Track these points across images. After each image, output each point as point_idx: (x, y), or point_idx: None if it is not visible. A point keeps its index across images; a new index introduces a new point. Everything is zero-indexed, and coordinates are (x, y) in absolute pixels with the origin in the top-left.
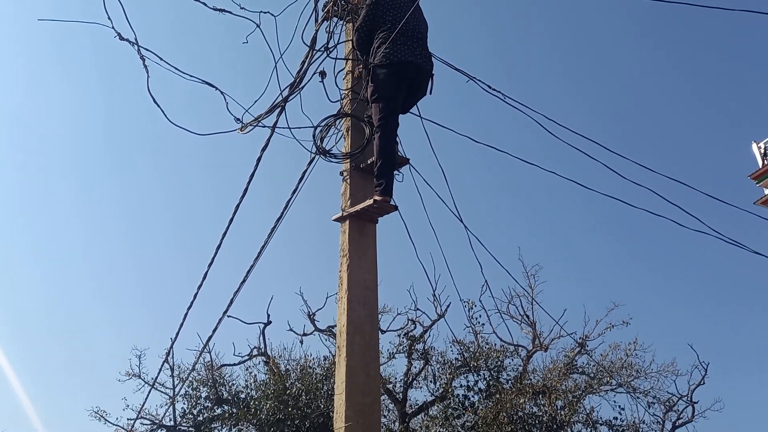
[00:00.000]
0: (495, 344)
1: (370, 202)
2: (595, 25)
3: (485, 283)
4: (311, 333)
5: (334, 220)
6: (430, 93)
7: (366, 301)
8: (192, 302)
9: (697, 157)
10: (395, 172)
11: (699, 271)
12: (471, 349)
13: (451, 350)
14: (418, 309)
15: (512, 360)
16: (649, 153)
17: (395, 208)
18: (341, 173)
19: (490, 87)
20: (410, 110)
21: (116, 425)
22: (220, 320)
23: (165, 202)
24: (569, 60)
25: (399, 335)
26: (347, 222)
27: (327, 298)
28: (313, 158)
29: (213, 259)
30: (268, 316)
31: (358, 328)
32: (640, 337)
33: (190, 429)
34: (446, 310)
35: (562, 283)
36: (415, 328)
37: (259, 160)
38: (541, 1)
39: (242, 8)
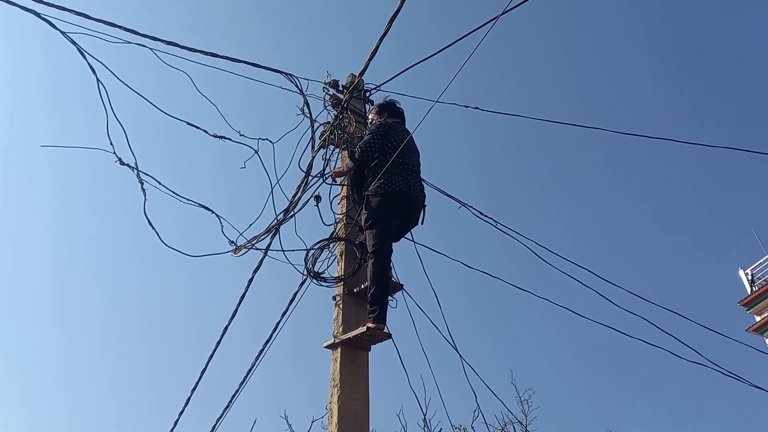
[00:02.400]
0: None
1: (363, 329)
2: (575, 157)
3: (477, 408)
4: None
5: (326, 347)
6: (422, 223)
7: None
8: (173, 429)
9: (686, 286)
10: (389, 298)
11: (695, 404)
12: None
13: None
14: None
15: None
16: (640, 282)
17: (389, 336)
18: (334, 298)
19: (482, 213)
20: (402, 238)
21: None
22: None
23: (150, 322)
24: (561, 189)
25: None
26: (339, 349)
27: (312, 422)
28: (305, 281)
29: (197, 383)
30: None
31: None
32: None
33: None
34: None
35: (556, 409)
36: None
37: (250, 281)
38: (522, 133)
39: (241, 135)
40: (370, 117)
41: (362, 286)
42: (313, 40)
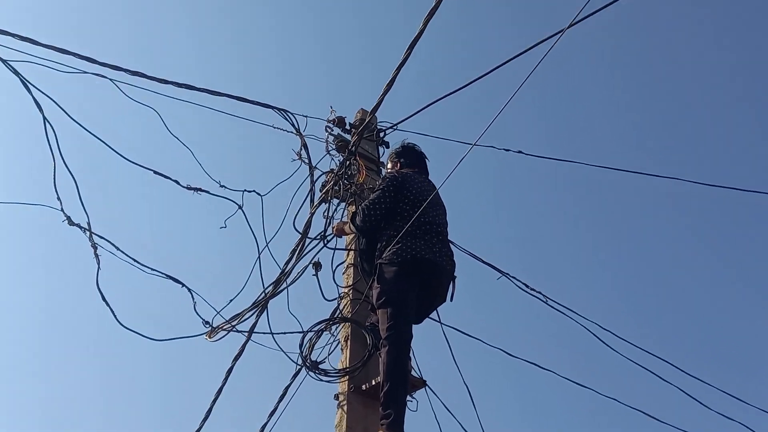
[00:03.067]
0: None
1: None
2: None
3: None
4: None
5: None
6: (451, 300)
7: None
8: None
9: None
10: (408, 398)
11: None
12: None
13: None
14: None
15: None
16: (737, 379)
17: None
18: (336, 397)
19: (527, 285)
20: (427, 317)
21: None
22: None
23: (107, 418)
24: (625, 253)
25: None
26: None
27: None
28: (298, 372)
29: None
30: None
31: None
32: None
33: None
34: None
35: None
36: None
37: (229, 372)
38: (573, 184)
39: (222, 186)
40: (387, 166)
41: (373, 382)
42: (316, 70)
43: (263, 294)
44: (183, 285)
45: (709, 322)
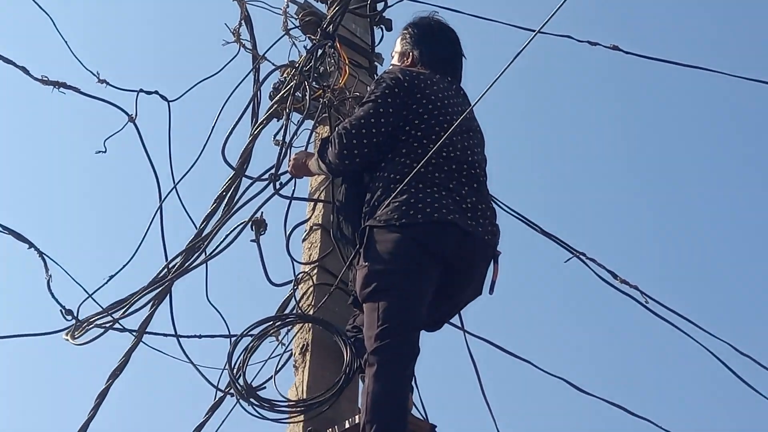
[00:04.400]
0: None
1: None
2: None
3: None
4: None
5: None
6: (491, 291)
7: None
8: None
9: None
10: None
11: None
12: None
13: None
14: None
15: None
16: None
17: None
18: None
19: (616, 277)
20: (448, 322)
21: None
22: None
23: None
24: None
25: None
26: None
27: None
28: (221, 400)
29: None
30: None
31: None
32: None
33: None
34: None
35: None
36: None
37: (103, 395)
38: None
39: (103, 81)
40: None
41: (346, 425)
42: None
43: (165, 270)
44: (32, 246)
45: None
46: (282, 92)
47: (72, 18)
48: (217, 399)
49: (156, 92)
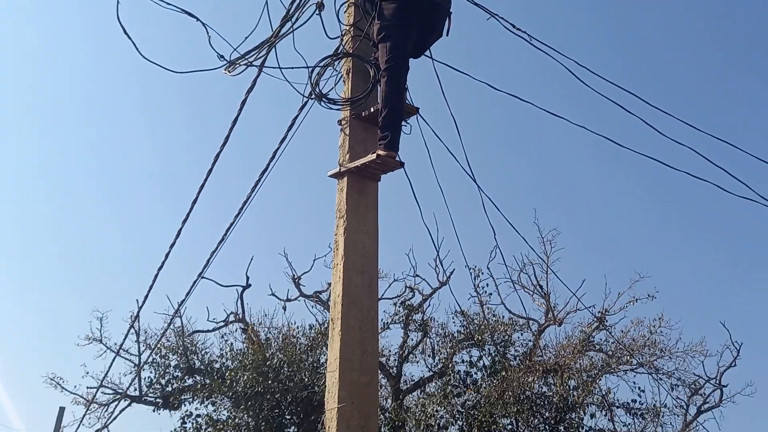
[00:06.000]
0: (503, 317)
1: (372, 156)
2: None
3: (496, 247)
4: (296, 299)
5: (330, 176)
6: (447, 34)
7: (364, 270)
8: (163, 262)
9: (740, 114)
10: (402, 122)
11: (738, 243)
12: (475, 321)
13: (453, 322)
14: (417, 275)
15: (521, 335)
16: (687, 109)
17: (401, 164)
18: (339, 122)
19: (514, 26)
20: (423, 54)
21: (74, 393)
22: (195, 282)
23: (136, 148)
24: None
25: (395, 304)
26: (345, 179)
27: (314, 260)
28: (306, 103)
29: (188, 215)
30: (248, 278)
31: (355, 300)
32: (667, 313)
33: (158, 400)
34: (449, 277)
35: (581, 252)
36: (413, 296)
37: (243, 103)
38: None
39: None
40: None
41: (371, 110)
42: None
43: (272, 33)
44: (197, 19)
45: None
46: None
47: None
48: (303, 103)
49: None
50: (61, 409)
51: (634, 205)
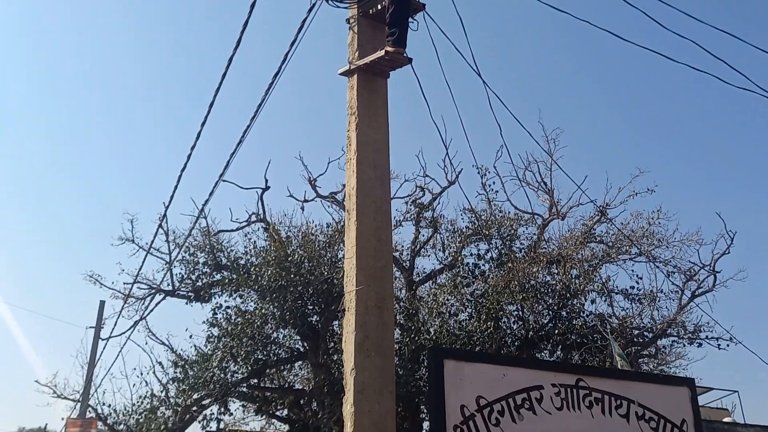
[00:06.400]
0: (509, 212)
1: (381, 53)
2: None
3: (503, 145)
4: (312, 199)
5: (341, 73)
6: None
7: (376, 164)
8: (186, 164)
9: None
10: (409, 19)
11: (736, 136)
12: (483, 217)
13: (462, 218)
14: (427, 176)
15: (526, 229)
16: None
17: (409, 60)
18: (348, 21)
19: None
20: None
21: (112, 289)
22: (216, 184)
23: (161, 48)
24: None
25: (406, 203)
26: (355, 76)
27: (329, 163)
28: (314, 4)
29: (206, 117)
30: (266, 181)
31: (368, 192)
32: (665, 206)
33: (190, 294)
34: (458, 175)
35: (585, 149)
36: (423, 195)
37: (253, 5)
38: None
39: None
40: None
41: (379, 7)
42: None
43: None
44: None
45: None
46: None
47: None
48: (311, 5)
49: None
50: (102, 303)
51: (634, 102)
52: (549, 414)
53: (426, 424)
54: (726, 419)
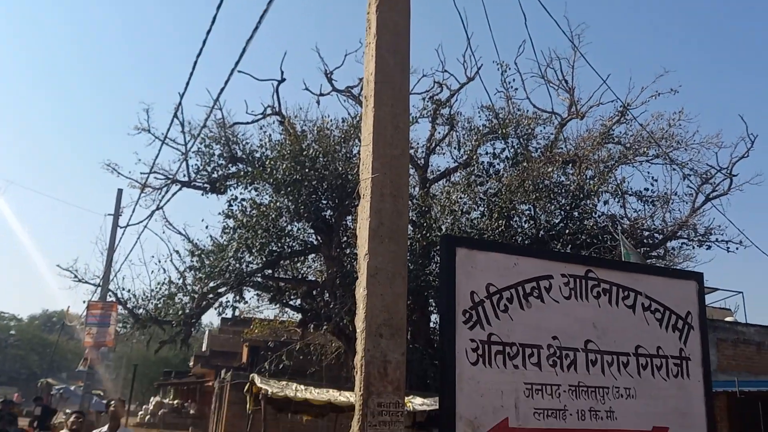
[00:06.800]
0: (527, 111)
1: None
2: None
3: (525, 39)
4: (328, 93)
5: None
6: None
7: (397, 49)
8: (201, 48)
9: None
10: None
11: (763, 39)
12: (501, 115)
13: (479, 116)
14: (446, 71)
15: (544, 128)
16: None
17: None
18: None
19: None
20: None
21: (129, 178)
22: (231, 73)
23: None
24: None
25: (423, 98)
26: None
27: (346, 55)
28: None
29: (221, 2)
30: (282, 73)
31: (388, 77)
32: (687, 107)
33: (206, 185)
34: (478, 70)
35: (610, 46)
36: (441, 91)
37: None
38: None
39: None
40: None
41: None
42: None
43: None
44: None
45: None
46: None
47: None
48: None
49: None
50: (119, 191)
51: (657, 4)
52: (557, 302)
53: (434, 317)
54: (728, 318)
